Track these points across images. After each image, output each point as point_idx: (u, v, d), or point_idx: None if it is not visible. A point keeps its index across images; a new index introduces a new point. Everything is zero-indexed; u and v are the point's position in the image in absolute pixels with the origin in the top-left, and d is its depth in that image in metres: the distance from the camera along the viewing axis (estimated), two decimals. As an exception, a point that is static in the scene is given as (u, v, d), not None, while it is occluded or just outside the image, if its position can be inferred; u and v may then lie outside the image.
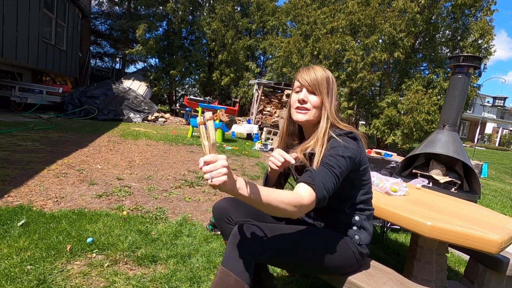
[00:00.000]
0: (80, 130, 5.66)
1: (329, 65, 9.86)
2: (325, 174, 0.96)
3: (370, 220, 1.18)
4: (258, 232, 0.98)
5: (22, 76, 8.39)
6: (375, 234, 2.48)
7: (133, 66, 23.49)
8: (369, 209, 1.17)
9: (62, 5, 9.25)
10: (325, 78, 1.12)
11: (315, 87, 1.11)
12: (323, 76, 1.12)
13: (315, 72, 1.12)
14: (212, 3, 15.66)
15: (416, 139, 8.70)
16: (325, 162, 0.99)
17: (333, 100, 1.14)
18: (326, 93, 1.12)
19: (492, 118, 31.74)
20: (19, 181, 2.54)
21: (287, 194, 0.87)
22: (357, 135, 1.09)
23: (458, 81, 2.78)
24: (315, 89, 1.11)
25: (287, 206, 0.86)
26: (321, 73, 1.12)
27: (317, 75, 1.12)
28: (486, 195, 5.11)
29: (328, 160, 0.99)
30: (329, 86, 1.13)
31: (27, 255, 1.47)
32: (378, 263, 1.25)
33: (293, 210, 0.87)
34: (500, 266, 1.36)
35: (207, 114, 0.81)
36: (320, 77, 1.12)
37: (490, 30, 8.43)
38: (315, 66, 1.16)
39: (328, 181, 0.95)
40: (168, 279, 1.47)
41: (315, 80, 1.11)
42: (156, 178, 3.25)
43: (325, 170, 0.97)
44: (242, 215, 1.20)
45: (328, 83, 1.13)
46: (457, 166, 2.79)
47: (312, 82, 1.11)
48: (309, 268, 1.13)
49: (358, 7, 9.18)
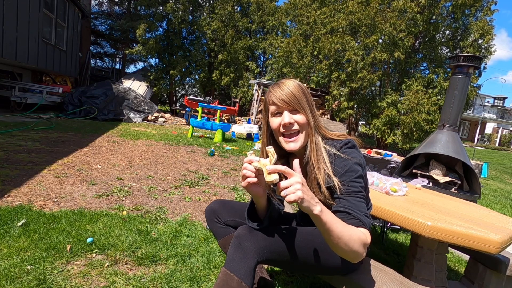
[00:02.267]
0: (80, 130, 5.66)
1: (329, 65, 9.87)
2: (359, 203, 0.92)
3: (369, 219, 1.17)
4: (260, 234, 0.99)
5: (22, 76, 8.40)
6: (375, 234, 2.48)
7: (133, 66, 23.56)
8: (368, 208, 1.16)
9: (62, 5, 9.25)
10: (300, 90, 1.01)
11: (296, 104, 0.99)
12: (297, 88, 1.01)
13: (288, 88, 1.00)
14: (212, 3, 15.66)
15: (416, 139, 8.71)
16: (350, 191, 0.94)
17: (315, 110, 1.05)
18: (308, 107, 1.02)
19: (492, 118, 31.75)
20: (19, 181, 2.54)
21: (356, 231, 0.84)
22: (354, 142, 1.03)
23: (458, 81, 2.78)
24: (296, 106, 1.00)
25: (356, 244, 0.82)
26: (294, 86, 1.01)
27: (291, 90, 1.00)
28: (486, 195, 5.11)
29: (352, 187, 0.94)
30: (307, 97, 1.03)
31: (27, 255, 1.47)
32: (378, 263, 1.25)
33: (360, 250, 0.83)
34: (500, 266, 1.36)
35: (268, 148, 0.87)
36: (296, 91, 1.00)
37: (490, 30, 8.43)
38: (285, 81, 1.04)
39: (364, 207, 0.93)
40: (168, 279, 1.47)
41: (292, 97, 0.99)
42: (156, 178, 3.25)
43: (355, 199, 0.93)
44: (229, 216, 1.26)
45: (305, 94, 1.02)
46: (457, 166, 2.79)
47: (290, 99, 0.99)
48: (310, 269, 1.13)
49: (358, 7, 9.18)
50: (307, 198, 0.77)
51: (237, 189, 3.27)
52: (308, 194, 0.78)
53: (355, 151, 1.00)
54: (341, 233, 0.81)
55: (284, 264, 1.07)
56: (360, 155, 1.02)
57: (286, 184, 0.76)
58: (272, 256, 0.99)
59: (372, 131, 9.69)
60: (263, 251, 0.96)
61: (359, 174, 0.97)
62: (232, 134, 8.46)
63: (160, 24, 13.13)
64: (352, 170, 0.96)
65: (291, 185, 0.76)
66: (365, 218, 0.90)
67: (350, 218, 0.89)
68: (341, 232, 0.81)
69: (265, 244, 0.97)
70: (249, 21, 15.58)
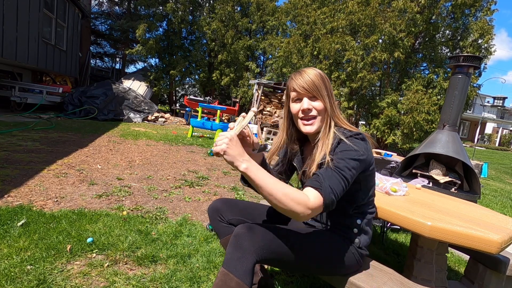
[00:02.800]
0: (80, 130, 5.66)
1: (329, 65, 9.87)
2: (334, 177, 0.93)
3: (371, 224, 1.18)
4: (259, 234, 0.98)
5: (22, 76, 8.39)
6: (375, 234, 2.48)
7: (133, 66, 23.51)
8: (371, 212, 1.16)
9: (62, 5, 9.25)
10: (320, 79, 1.08)
11: (314, 91, 1.07)
12: (318, 76, 1.08)
13: (309, 76, 1.07)
14: (212, 3, 15.65)
15: (416, 139, 8.70)
16: (334, 165, 0.96)
17: (334, 98, 1.11)
18: (326, 94, 1.08)
19: (492, 118, 31.75)
20: (19, 181, 2.54)
21: (294, 191, 0.87)
22: (365, 136, 1.06)
23: (458, 81, 2.78)
24: (315, 93, 1.07)
25: (292, 202, 0.85)
26: (315, 75, 1.08)
27: (312, 78, 1.07)
28: (486, 195, 5.11)
29: (337, 163, 0.96)
30: (326, 85, 1.09)
31: (27, 255, 1.47)
32: (378, 263, 1.25)
33: (297, 209, 0.85)
34: (500, 266, 1.36)
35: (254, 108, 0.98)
36: (316, 79, 1.07)
37: (490, 30, 8.43)
38: (306, 69, 1.10)
39: (337, 184, 0.93)
40: (168, 279, 1.47)
41: (312, 84, 1.06)
42: (156, 178, 3.25)
43: (333, 173, 0.94)
44: (232, 214, 1.26)
45: (324, 82, 1.08)
46: (457, 166, 2.79)
47: (310, 87, 1.06)
48: (309, 270, 1.13)
49: (358, 7, 9.18)
50: (232, 153, 0.85)
51: (237, 189, 3.27)
52: (234, 150, 0.86)
53: (362, 143, 1.02)
54: (272, 190, 0.86)
55: (283, 264, 1.06)
56: (367, 149, 1.02)
57: (217, 139, 0.87)
58: (271, 256, 0.98)
59: (372, 131, 9.68)
60: (262, 250, 0.96)
61: (354, 158, 0.97)
62: (232, 134, 8.45)
63: (160, 24, 13.12)
64: (347, 150, 0.98)
65: (220, 139, 0.86)
66: (327, 187, 0.90)
67: (312, 180, 0.93)
68: (272, 189, 0.86)
69: (264, 244, 0.96)
70: (249, 21, 15.57)
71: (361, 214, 1.13)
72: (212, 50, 15.09)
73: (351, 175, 0.96)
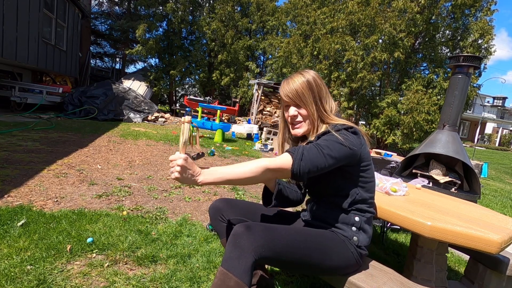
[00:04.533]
0: (80, 130, 5.66)
1: (329, 65, 9.87)
2: (312, 150, 0.99)
3: (370, 223, 1.17)
4: (258, 232, 0.97)
5: (22, 76, 8.39)
6: (375, 234, 2.48)
7: (133, 66, 23.56)
8: (370, 211, 1.16)
9: (62, 5, 9.25)
10: (306, 86, 1.12)
11: (298, 99, 1.12)
12: (303, 85, 1.12)
13: (294, 85, 1.12)
14: (212, 3, 15.66)
15: (416, 139, 8.71)
16: (317, 142, 1.02)
17: (324, 101, 1.14)
18: (311, 101, 1.12)
19: (492, 118, 31.76)
20: (19, 181, 2.54)
21: (253, 163, 0.96)
22: (358, 130, 1.08)
23: (458, 81, 2.78)
24: (299, 102, 1.13)
25: (254, 173, 0.94)
26: (301, 83, 1.12)
27: (296, 87, 1.12)
28: (486, 195, 5.11)
29: (319, 141, 1.02)
30: (313, 91, 1.12)
31: (27, 255, 1.47)
32: (378, 263, 1.25)
33: (262, 174, 0.95)
34: (500, 266, 1.36)
35: (185, 117, 0.95)
36: (301, 88, 1.11)
37: (490, 30, 8.43)
38: (294, 76, 1.15)
39: (312, 157, 0.97)
40: (168, 279, 1.47)
41: (295, 94, 1.12)
42: (156, 178, 3.25)
43: (313, 147, 1.00)
44: (233, 214, 1.26)
45: (311, 88, 1.12)
46: (457, 166, 2.79)
47: (294, 96, 1.12)
48: (308, 269, 1.12)
49: (358, 7, 9.18)
50: (186, 176, 0.91)
51: (237, 189, 3.27)
52: (187, 172, 0.91)
53: (353, 136, 1.05)
54: (236, 175, 0.94)
55: (282, 263, 1.06)
56: (358, 142, 1.05)
57: (172, 164, 0.92)
58: (270, 255, 0.98)
59: (372, 131, 9.69)
60: (261, 249, 0.95)
61: (339, 142, 1.00)
62: (232, 134, 8.46)
63: (160, 24, 13.13)
64: (332, 136, 1.02)
65: (171, 167, 0.92)
66: (300, 154, 0.96)
67: (290, 148, 1.01)
68: (236, 178, 0.94)
69: (262, 243, 0.96)
70: (249, 21, 15.58)
71: (359, 212, 1.14)
72: (212, 50, 15.10)
73: (331, 155, 0.99)
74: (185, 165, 0.91)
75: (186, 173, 0.91)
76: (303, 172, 0.96)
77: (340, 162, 1.03)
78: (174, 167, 0.91)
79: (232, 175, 0.95)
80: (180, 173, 0.90)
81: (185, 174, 0.91)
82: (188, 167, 0.91)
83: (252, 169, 0.95)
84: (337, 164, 1.02)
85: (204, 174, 0.94)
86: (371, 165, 1.14)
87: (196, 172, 0.93)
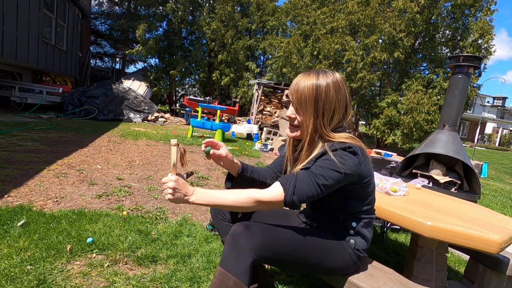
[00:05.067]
0: (80, 130, 5.66)
1: (329, 65, 9.87)
2: (304, 181, 0.95)
3: (370, 226, 1.14)
4: (256, 232, 0.97)
5: (22, 76, 8.39)
6: (375, 234, 2.48)
7: (133, 66, 23.54)
8: (368, 217, 1.12)
9: (62, 5, 9.25)
10: (311, 93, 0.98)
11: (298, 103, 1.02)
12: (309, 89, 0.99)
13: (300, 87, 1.00)
14: (212, 3, 15.66)
15: (416, 139, 8.71)
16: (311, 170, 0.96)
17: (327, 117, 1.00)
18: (311, 112, 1.00)
19: (492, 118, 31.76)
20: (19, 181, 2.54)
21: (244, 193, 0.96)
22: (357, 149, 0.98)
23: (458, 81, 2.78)
24: (298, 106, 1.02)
25: (244, 204, 0.96)
26: (307, 85, 0.99)
27: (301, 87, 1.00)
28: (486, 195, 5.11)
29: (314, 169, 0.96)
30: (317, 102, 0.99)
31: (27, 255, 1.47)
32: (378, 263, 1.25)
33: (252, 205, 0.96)
34: (500, 266, 1.36)
35: (172, 141, 0.97)
36: (304, 91, 0.99)
37: (490, 30, 8.43)
38: (310, 74, 1.01)
39: (305, 188, 0.94)
40: (168, 279, 1.47)
41: (298, 97, 1.01)
42: (156, 178, 3.25)
43: (306, 176, 0.96)
44: (235, 213, 1.25)
45: (317, 98, 0.98)
46: (457, 166, 2.79)
47: (296, 99, 1.02)
48: (307, 269, 1.12)
49: (358, 7, 9.18)
50: (176, 197, 0.93)
51: (237, 189, 3.27)
52: (177, 194, 0.93)
53: (352, 158, 0.96)
54: (226, 202, 0.96)
55: (281, 263, 1.06)
56: (356, 163, 0.97)
57: (164, 186, 0.95)
58: (269, 254, 0.98)
59: (372, 131, 9.69)
60: (259, 249, 0.95)
61: (335, 169, 0.94)
62: (232, 134, 8.46)
63: (160, 24, 13.13)
64: (328, 160, 0.96)
65: (164, 189, 0.95)
66: (291, 188, 0.94)
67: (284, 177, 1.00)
68: (226, 203, 0.96)
69: (261, 242, 0.96)
70: (249, 21, 15.58)
71: (356, 219, 1.10)
72: (212, 50, 15.10)
73: (326, 184, 0.94)
74: (177, 186, 0.93)
75: (177, 195, 0.94)
76: (295, 205, 0.95)
77: (335, 187, 0.98)
78: (166, 189, 0.94)
79: (223, 201, 0.96)
80: (173, 195, 0.93)
81: (178, 194, 0.94)
82: (179, 188, 0.94)
83: (243, 200, 0.95)
84: (332, 189, 0.98)
85: (196, 194, 0.96)
86: (372, 179, 1.08)
87: (188, 193, 0.95)
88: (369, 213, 1.13)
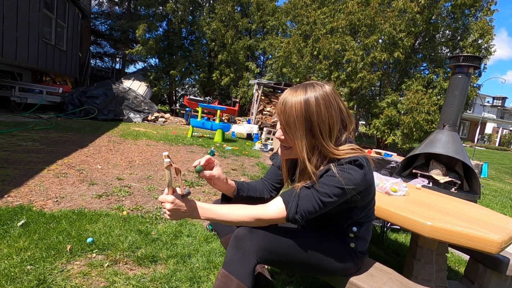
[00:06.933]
0: (80, 130, 5.66)
1: (329, 65, 9.87)
2: (308, 199, 0.94)
3: (369, 228, 1.14)
4: (260, 235, 0.97)
5: (22, 76, 8.39)
6: (375, 234, 2.48)
7: (133, 66, 23.55)
8: (368, 220, 1.12)
9: (62, 5, 9.25)
10: (299, 113, 0.91)
11: (288, 127, 0.95)
12: (297, 107, 0.91)
13: (287, 106, 0.92)
14: (212, 3, 15.67)
15: (416, 139, 8.71)
16: (315, 188, 0.94)
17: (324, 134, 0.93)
18: (302, 133, 0.93)
19: (492, 118, 31.76)
20: (19, 181, 2.54)
21: (243, 212, 0.96)
22: (363, 161, 0.94)
23: (458, 81, 2.78)
24: (288, 130, 0.95)
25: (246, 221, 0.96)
26: (294, 103, 0.91)
27: (288, 107, 0.92)
28: (486, 195, 5.11)
29: (319, 187, 0.93)
30: (307, 121, 0.91)
31: (27, 255, 1.47)
32: (378, 263, 1.25)
33: (254, 222, 0.97)
34: (500, 266, 1.36)
35: (165, 162, 0.94)
36: (292, 111, 0.92)
37: (490, 30, 8.43)
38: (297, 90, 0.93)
39: (308, 207, 0.94)
40: (168, 279, 1.47)
41: (286, 119, 0.94)
42: (156, 178, 3.25)
43: (310, 194, 0.94)
44: None
45: (307, 117, 0.91)
46: (457, 166, 2.79)
47: (284, 120, 0.95)
48: (309, 270, 1.13)
49: (358, 7, 9.19)
50: (178, 214, 0.93)
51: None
52: (176, 213, 0.92)
53: (357, 171, 0.93)
54: (228, 219, 0.96)
55: (284, 265, 1.06)
56: (362, 178, 0.93)
57: (163, 206, 0.94)
58: (272, 257, 0.98)
59: (372, 131, 9.69)
60: (263, 251, 0.95)
61: (339, 186, 0.91)
62: (232, 134, 8.46)
63: (160, 24, 13.13)
64: (334, 176, 0.91)
65: (163, 209, 0.94)
66: (294, 207, 0.94)
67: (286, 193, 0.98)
68: (227, 219, 0.96)
69: (264, 245, 0.96)
70: (249, 21, 15.59)
71: (357, 224, 1.10)
72: (212, 50, 15.11)
73: (330, 201, 0.93)
74: (174, 207, 0.92)
75: (176, 214, 0.93)
76: (297, 222, 0.95)
77: (339, 203, 0.97)
78: (164, 209, 0.93)
79: (225, 218, 0.96)
80: (171, 216, 0.93)
81: (177, 214, 0.93)
82: (177, 207, 0.93)
83: (244, 217, 0.96)
84: (336, 205, 0.97)
85: (198, 210, 0.95)
86: (373, 185, 1.05)
87: (188, 209, 0.94)
88: (370, 216, 1.13)
